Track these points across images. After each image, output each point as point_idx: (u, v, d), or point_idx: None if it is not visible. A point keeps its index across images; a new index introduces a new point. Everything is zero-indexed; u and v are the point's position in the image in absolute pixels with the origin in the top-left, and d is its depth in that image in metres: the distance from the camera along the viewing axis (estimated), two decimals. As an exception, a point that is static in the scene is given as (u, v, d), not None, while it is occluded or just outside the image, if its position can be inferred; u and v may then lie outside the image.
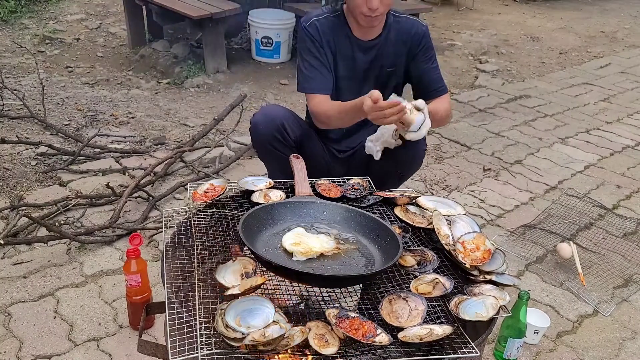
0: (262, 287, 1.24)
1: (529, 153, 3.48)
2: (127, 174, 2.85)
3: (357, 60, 2.05)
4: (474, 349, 1.15)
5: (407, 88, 2.18)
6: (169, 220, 1.57)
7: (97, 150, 3.05)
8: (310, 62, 2.00)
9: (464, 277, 1.36)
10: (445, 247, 1.40)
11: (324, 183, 1.70)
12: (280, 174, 1.95)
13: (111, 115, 3.60)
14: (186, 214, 1.58)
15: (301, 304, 1.34)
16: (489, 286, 1.31)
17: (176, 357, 1.05)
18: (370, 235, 1.46)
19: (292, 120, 2.09)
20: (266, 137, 2.02)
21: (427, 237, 1.54)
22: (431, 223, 1.49)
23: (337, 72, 2.07)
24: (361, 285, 1.38)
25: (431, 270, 1.36)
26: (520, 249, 2.47)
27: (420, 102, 1.71)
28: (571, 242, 2.42)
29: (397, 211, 1.60)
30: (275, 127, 2.02)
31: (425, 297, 1.25)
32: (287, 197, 1.59)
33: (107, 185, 2.55)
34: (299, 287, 1.34)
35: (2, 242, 2.08)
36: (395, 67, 2.10)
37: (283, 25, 4.63)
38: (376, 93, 1.64)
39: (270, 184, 1.66)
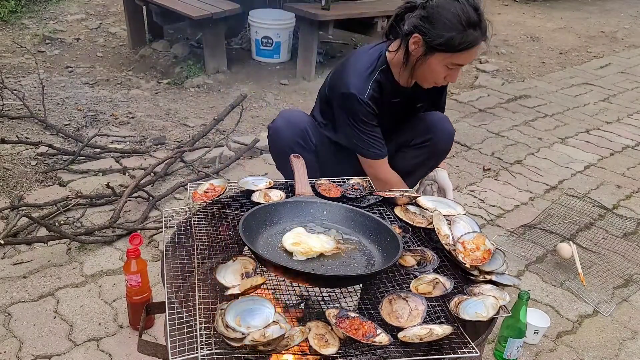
0: (262, 287, 1.24)
1: (528, 153, 3.48)
2: (127, 174, 2.85)
3: (396, 104, 2.06)
4: (474, 349, 1.15)
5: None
6: (169, 220, 1.57)
7: (97, 150, 3.05)
8: (371, 131, 1.99)
9: (464, 277, 1.36)
10: (445, 247, 1.40)
11: (324, 183, 1.69)
12: None
13: (111, 115, 3.60)
14: (186, 214, 1.57)
15: (301, 304, 1.34)
16: (489, 286, 1.31)
17: (176, 357, 1.05)
18: (370, 235, 1.46)
19: (313, 125, 2.09)
20: (288, 142, 2.01)
21: (427, 237, 1.53)
22: (431, 223, 1.49)
23: None
24: (361, 285, 1.38)
25: (431, 270, 1.36)
26: (520, 249, 2.47)
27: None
28: (571, 242, 2.41)
29: (397, 211, 1.60)
30: (298, 131, 2.01)
31: (425, 297, 1.25)
32: (287, 197, 1.59)
33: (107, 185, 2.55)
34: (299, 287, 1.34)
35: (2, 242, 2.08)
36: (424, 103, 2.15)
37: (283, 25, 4.63)
38: None
39: (270, 183, 1.66)
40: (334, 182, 1.72)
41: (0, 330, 1.85)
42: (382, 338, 1.12)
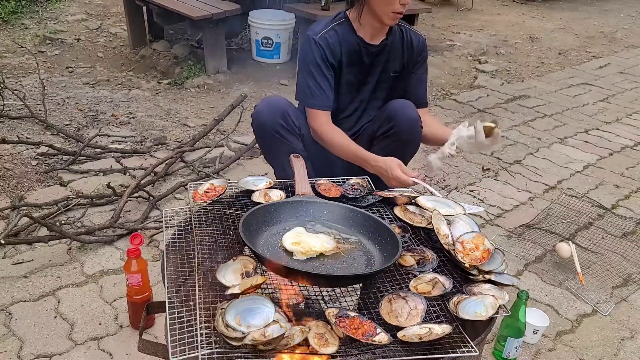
0: (262, 286, 1.24)
1: (528, 153, 3.48)
2: (127, 174, 2.86)
3: (364, 65, 2.09)
4: (473, 348, 1.15)
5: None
6: (170, 220, 1.58)
7: (98, 150, 3.05)
8: (316, 77, 2.02)
9: (464, 277, 1.37)
10: (445, 246, 1.41)
11: (323, 183, 1.70)
12: (288, 169, 1.89)
13: (112, 116, 3.61)
14: (187, 214, 1.58)
15: (301, 304, 1.35)
16: (488, 285, 1.32)
17: (176, 357, 1.06)
18: (370, 234, 1.46)
19: (293, 108, 2.11)
20: (270, 123, 2.01)
21: (426, 236, 1.54)
22: (430, 223, 1.49)
23: (342, 77, 2.09)
24: (361, 284, 1.39)
25: (430, 270, 1.37)
26: (519, 249, 2.47)
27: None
28: (570, 242, 2.42)
29: (397, 211, 1.60)
30: (279, 113, 2.02)
31: (425, 297, 1.25)
32: (287, 196, 1.60)
33: (108, 185, 2.56)
34: (299, 286, 1.34)
35: (3, 242, 2.08)
36: (399, 74, 2.15)
37: (283, 26, 4.64)
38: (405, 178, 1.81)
39: (270, 183, 1.67)
40: (334, 182, 1.73)
41: (1, 329, 1.86)
42: (382, 337, 1.13)
